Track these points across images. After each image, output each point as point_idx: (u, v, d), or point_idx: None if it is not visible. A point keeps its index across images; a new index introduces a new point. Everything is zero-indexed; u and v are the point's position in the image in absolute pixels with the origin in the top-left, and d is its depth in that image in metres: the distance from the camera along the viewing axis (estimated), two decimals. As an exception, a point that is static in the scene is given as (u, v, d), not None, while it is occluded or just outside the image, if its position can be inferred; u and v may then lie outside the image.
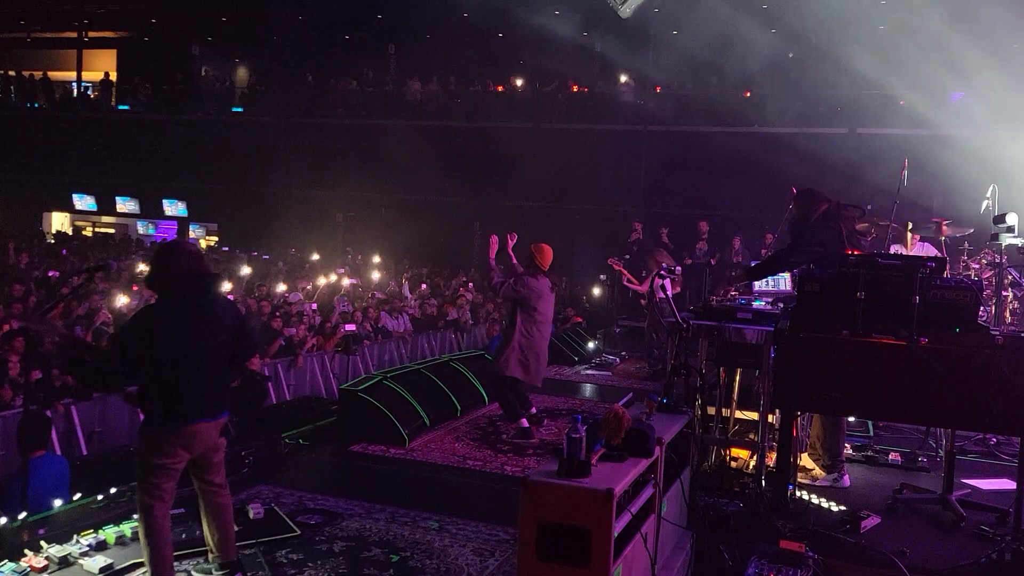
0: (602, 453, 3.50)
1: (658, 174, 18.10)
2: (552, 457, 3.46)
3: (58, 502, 5.20)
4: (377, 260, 17.43)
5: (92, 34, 26.77)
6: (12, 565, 4.38)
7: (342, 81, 22.51)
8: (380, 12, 22.59)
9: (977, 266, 7.89)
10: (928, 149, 12.57)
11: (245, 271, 15.04)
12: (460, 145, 19.84)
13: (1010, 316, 7.60)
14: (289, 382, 9.61)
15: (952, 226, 7.24)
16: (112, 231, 25.43)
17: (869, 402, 4.82)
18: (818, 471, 5.75)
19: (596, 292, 15.88)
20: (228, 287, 12.21)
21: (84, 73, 26.17)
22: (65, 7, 25.27)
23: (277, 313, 10.69)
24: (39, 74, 25.94)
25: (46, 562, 4.47)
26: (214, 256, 18.55)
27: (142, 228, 25.61)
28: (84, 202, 25.26)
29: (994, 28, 14.52)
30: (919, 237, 7.47)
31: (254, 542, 4.92)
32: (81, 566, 4.50)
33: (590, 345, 12.97)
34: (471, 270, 18.98)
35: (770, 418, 5.60)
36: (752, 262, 7.08)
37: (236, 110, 23.98)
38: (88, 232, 25.52)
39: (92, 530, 4.81)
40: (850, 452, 6.33)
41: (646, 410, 4.16)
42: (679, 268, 5.31)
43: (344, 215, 21.62)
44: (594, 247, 15.44)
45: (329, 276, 14.45)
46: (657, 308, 11.51)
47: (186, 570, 4.54)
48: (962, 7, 13.75)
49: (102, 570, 4.45)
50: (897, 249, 7.12)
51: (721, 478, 5.50)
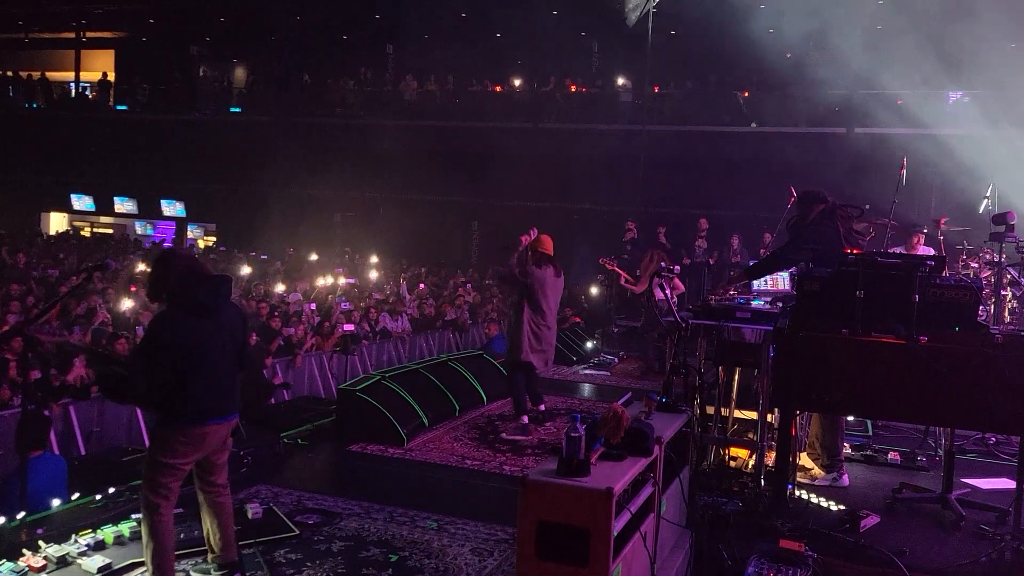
0: (601, 452, 3.50)
1: (657, 174, 18.07)
2: (551, 456, 3.46)
3: (56, 502, 5.19)
4: (375, 260, 17.42)
5: (90, 34, 26.73)
6: (10, 565, 4.37)
7: (340, 81, 22.49)
8: (378, 12, 22.58)
9: (976, 265, 7.89)
10: (926, 149, 12.57)
11: (245, 271, 15.02)
12: (458, 145, 19.83)
13: (1009, 315, 7.60)
14: (287, 382, 9.59)
15: (951, 222, 7.25)
16: (110, 231, 25.41)
17: (869, 401, 4.82)
18: (817, 470, 5.75)
19: (594, 292, 15.87)
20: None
21: (82, 73, 26.12)
22: (63, 7, 25.21)
23: (276, 313, 10.68)
24: (37, 74, 25.91)
25: (44, 562, 4.46)
26: (212, 256, 18.54)
27: (140, 228, 25.59)
28: (82, 202, 25.23)
29: (992, 28, 14.53)
30: (922, 240, 7.47)
31: (253, 542, 4.91)
32: (79, 566, 4.49)
33: (588, 345, 12.97)
34: (469, 270, 18.97)
35: (769, 417, 5.59)
36: (751, 261, 7.08)
37: (234, 110, 23.95)
38: (86, 232, 25.49)
39: (90, 530, 4.80)
40: (849, 451, 6.32)
41: (645, 409, 4.15)
42: (677, 267, 5.30)
43: (342, 215, 21.61)
44: (592, 247, 15.38)
45: (327, 276, 14.44)
46: (655, 307, 11.53)
47: (185, 570, 4.53)
48: (960, 7, 13.75)
49: (100, 570, 4.44)
50: (898, 250, 7.12)
51: (720, 477, 5.49)
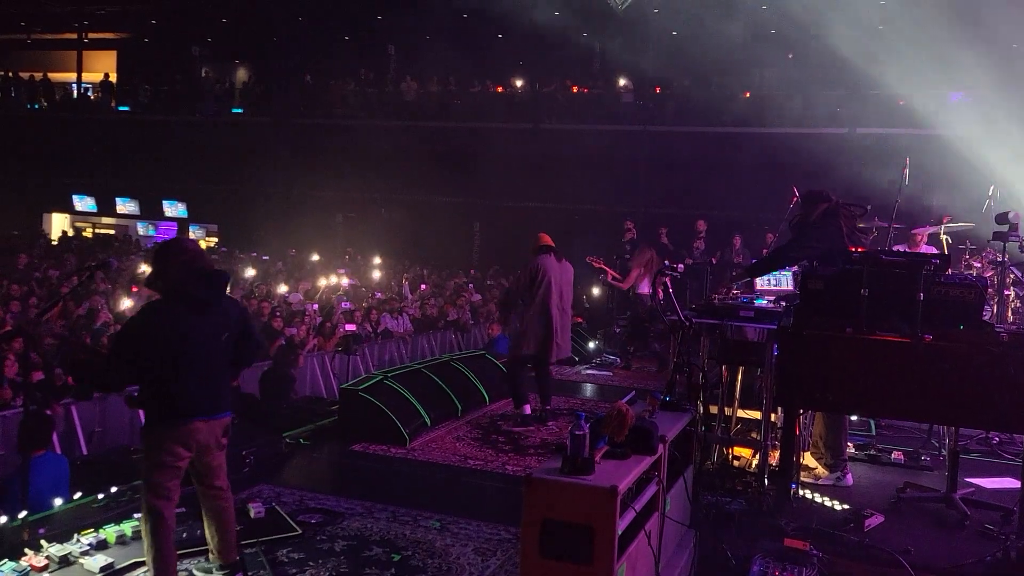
0: (605, 450, 3.48)
1: (658, 174, 18.08)
2: (555, 455, 3.44)
3: (58, 501, 5.18)
4: (378, 261, 17.42)
5: (92, 35, 26.77)
6: (12, 564, 4.36)
7: (342, 82, 22.51)
8: (380, 13, 22.60)
9: (979, 265, 7.88)
10: (928, 149, 12.56)
11: (249, 272, 15.02)
12: (460, 145, 19.82)
13: (1012, 315, 7.58)
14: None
15: (953, 220, 7.24)
16: (112, 232, 25.42)
17: (873, 400, 4.81)
18: (821, 470, 5.74)
19: (596, 292, 15.84)
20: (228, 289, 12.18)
21: (84, 74, 26.17)
22: (65, 8, 25.25)
23: (277, 313, 10.67)
24: (39, 75, 25.93)
25: (46, 561, 4.45)
26: (214, 257, 18.53)
27: (142, 229, 25.59)
28: (84, 203, 25.24)
29: (994, 28, 14.51)
30: (926, 238, 7.46)
31: (255, 541, 4.89)
32: (81, 565, 4.48)
33: (591, 345, 12.95)
34: (471, 270, 18.96)
35: (772, 417, 5.58)
36: (753, 261, 7.06)
37: (236, 111, 23.95)
38: (88, 233, 25.51)
39: (92, 529, 4.79)
40: (852, 451, 6.31)
41: (649, 408, 4.14)
42: (681, 266, 5.29)
43: (344, 215, 21.61)
44: (594, 247, 15.35)
45: (329, 277, 14.43)
46: (640, 304, 11.55)
47: (187, 569, 4.51)
48: (962, 7, 13.74)
49: (102, 569, 4.43)
50: (901, 249, 7.11)
51: (724, 477, 5.48)
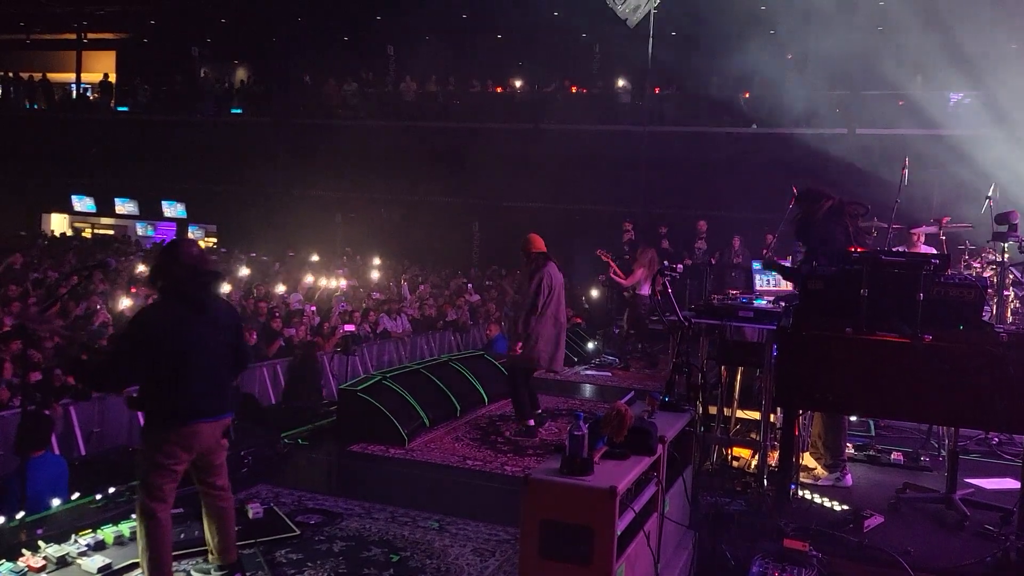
0: (604, 451, 3.47)
1: (657, 174, 18.06)
2: (554, 455, 3.43)
3: (56, 502, 5.16)
4: (377, 261, 17.41)
5: (91, 35, 26.74)
6: (10, 565, 4.35)
7: (341, 82, 22.49)
8: (379, 13, 22.57)
9: (978, 265, 7.85)
10: (927, 149, 12.56)
11: (244, 272, 15.00)
12: (459, 146, 19.80)
13: (1012, 316, 7.56)
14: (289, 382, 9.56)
15: (953, 222, 7.23)
16: (111, 232, 25.40)
17: (872, 400, 4.78)
18: (820, 470, 5.72)
19: (595, 293, 15.84)
20: (227, 288, 12.17)
21: (83, 74, 26.13)
22: (64, 9, 25.22)
23: (276, 314, 10.66)
24: (38, 75, 25.92)
25: (44, 562, 4.44)
26: (212, 257, 18.52)
27: (141, 229, 25.57)
28: (83, 203, 25.23)
29: (993, 28, 14.51)
30: (923, 238, 7.45)
31: (253, 542, 4.89)
32: (79, 566, 4.47)
33: (589, 346, 12.95)
34: (471, 271, 18.96)
35: (771, 417, 5.57)
36: (752, 262, 7.04)
37: (235, 111, 23.94)
38: (87, 234, 25.49)
39: (90, 530, 4.78)
40: (852, 452, 6.30)
41: (648, 408, 4.13)
42: (680, 266, 5.28)
43: (343, 216, 21.59)
44: (593, 248, 15.35)
45: (329, 278, 14.42)
46: (640, 306, 11.54)
47: (185, 570, 4.51)
48: (961, 7, 13.73)
49: (100, 570, 4.42)
50: (900, 249, 7.09)
51: (723, 477, 5.48)
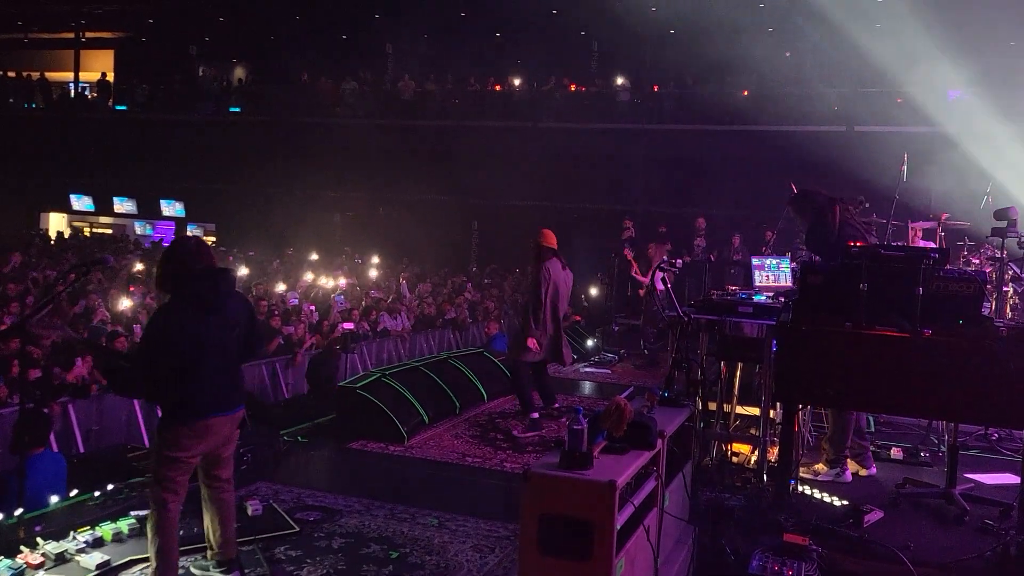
0: (604, 445, 3.47)
1: (656, 173, 18.07)
2: (553, 450, 3.43)
3: (55, 499, 5.15)
4: (376, 260, 17.40)
5: (89, 34, 26.71)
6: (8, 562, 4.34)
7: (339, 80, 22.48)
8: (377, 12, 22.56)
9: (977, 261, 7.87)
10: (926, 146, 12.54)
11: (243, 271, 14.98)
12: (457, 144, 19.80)
13: (1011, 311, 7.57)
14: (288, 380, 9.58)
15: (951, 218, 7.23)
16: (110, 231, 25.38)
17: (872, 395, 4.78)
18: (820, 466, 5.72)
19: (594, 291, 15.84)
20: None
21: (81, 74, 26.09)
22: (62, 8, 25.19)
23: (275, 312, 10.65)
24: (36, 75, 25.87)
25: (42, 559, 4.44)
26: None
27: (140, 228, 25.54)
28: (82, 202, 25.18)
29: (991, 25, 14.52)
30: (920, 233, 7.45)
31: (252, 539, 4.88)
32: (77, 563, 4.46)
33: (589, 343, 12.94)
34: (471, 268, 18.96)
35: (771, 413, 5.57)
36: (752, 258, 7.03)
37: (234, 110, 23.91)
38: (86, 233, 25.47)
39: (89, 527, 4.78)
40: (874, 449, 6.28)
41: (647, 403, 4.13)
42: (679, 261, 5.27)
43: (342, 215, 21.58)
44: (592, 246, 15.38)
45: (328, 277, 14.41)
46: (658, 302, 11.52)
47: (184, 567, 4.50)
48: (959, 5, 13.74)
49: (98, 566, 4.41)
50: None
51: (722, 473, 5.47)
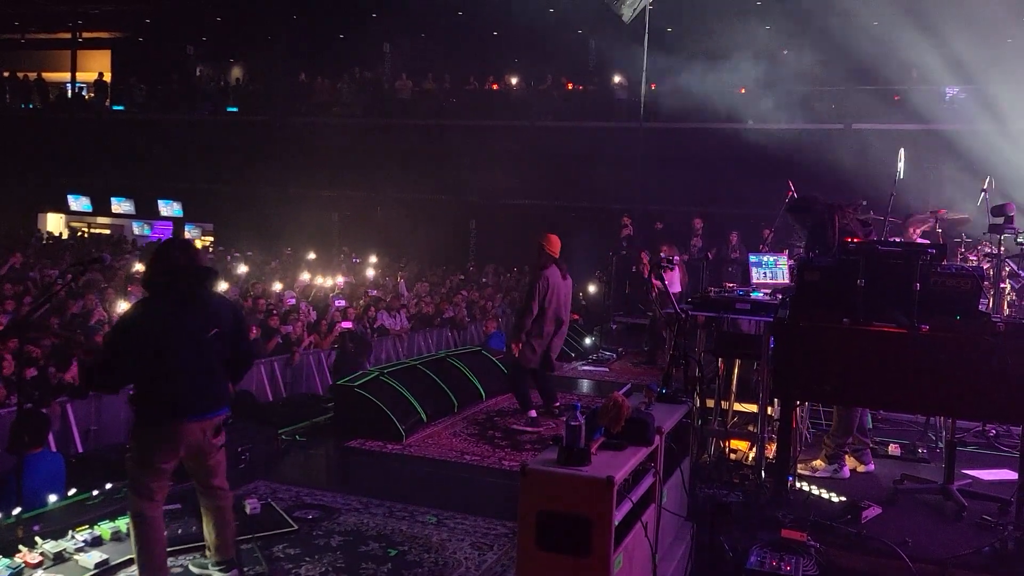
0: (602, 442, 3.46)
1: (654, 171, 18.06)
2: (551, 447, 3.42)
3: (53, 498, 5.16)
4: (374, 260, 17.40)
5: (86, 34, 26.71)
6: (6, 561, 4.34)
7: (337, 80, 22.47)
8: (375, 11, 22.55)
9: (975, 258, 7.87)
10: (923, 144, 12.58)
11: (242, 270, 14.99)
12: (455, 143, 19.81)
13: (1008, 308, 7.58)
14: (286, 379, 9.57)
15: (949, 213, 7.24)
16: (108, 232, 25.36)
17: (869, 391, 4.79)
18: (818, 462, 5.73)
19: (592, 289, 15.85)
20: (225, 286, 12.17)
21: (79, 74, 26.11)
22: (59, 8, 25.20)
23: (274, 311, 10.65)
24: (33, 75, 25.89)
25: (41, 558, 4.43)
26: (209, 255, 18.49)
27: (138, 229, 25.53)
28: (79, 203, 25.18)
29: (988, 23, 14.52)
30: (918, 231, 7.46)
31: (251, 537, 4.88)
32: (76, 562, 4.45)
33: (587, 341, 12.94)
34: (469, 267, 18.96)
35: (769, 409, 5.58)
36: (750, 256, 7.04)
37: (231, 110, 23.91)
38: (84, 233, 25.45)
39: (87, 526, 4.76)
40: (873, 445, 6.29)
41: (645, 400, 4.13)
42: (677, 258, 5.28)
43: (340, 214, 21.58)
44: (590, 245, 15.39)
45: (326, 277, 14.41)
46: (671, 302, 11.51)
47: (183, 565, 4.50)
48: (956, 2, 13.74)
49: (97, 565, 4.41)
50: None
51: (720, 470, 5.48)
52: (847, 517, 4.83)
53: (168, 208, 24.38)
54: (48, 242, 21.12)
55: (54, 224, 25.98)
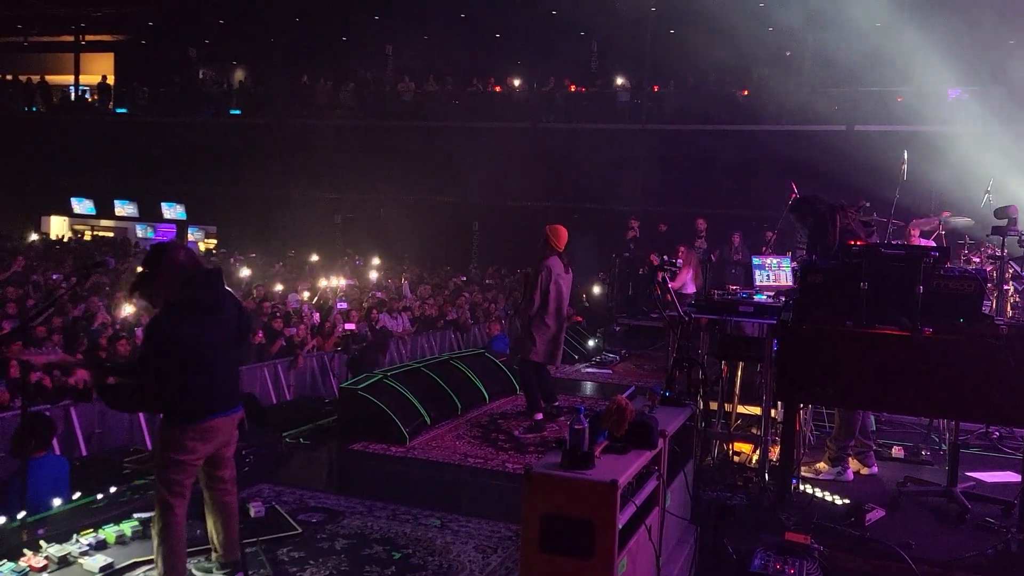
0: (605, 445, 3.47)
1: (656, 173, 18.09)
2: (555, 450, 3.43)
3: (58, 502, 5.16)
4: (377, 262, 17.41)
5: (89, 38, 26.72)
6: (11, 565, 4.35)
7: (340, 82, 22.50)
8: (377, 13, 22.58)
9: (978, 260, 7.86)
10: (926, 145, 12.54)
11: (245, 272, 15.01)
12: (458, 145, 19.82)
13: (1011, 310, 7.57)
14: (289, 382, 9.58)
15: (953, 216, 7.24)
16: (111, 235, 25.40)
17: (873, 394, 4.79)
18: (821, 464, 5.73)
19: (596, 291, 15.84)
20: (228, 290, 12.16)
21: (81, 77, 26.11)
22: (62, 11, 25.20)
23: (277, 314, 10.67)
24: (37, 78, 25.92)
25: (46, 562, 4.44)
26: (212, 258, 18.53)
27: (141, 231, 25.55)
28: (83, 206, 25.22)
29: (991, 24, 14.52)
30: (919, 232, 7.46)
31: (255, 540, 4.88)
32: (81, 565, 4.46)
33: (590, 343, 12.94)
34: (471, 269, 18.97)
35: (772, 412, 5.57)
36: (752, 258, 7.04)
37: (234, 112, 23.93)
38: (87, 236, 25.49)
39: (92, 529, 4.77)
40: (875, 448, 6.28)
41: (649, 403, 4.14)
42: (679, 260, 5.28)
43: (343, 216, 21.59)
44: (593, 246, 15.38)
45: (329, 279, 14.42)
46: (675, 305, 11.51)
47: (187, 569, 4.50)
48: (959, 3, 13.74)
49: (102, 569, 4.41)
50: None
51: (724, 472, 5.48)
52: (851, 520, 4.83)
53: (171, 211, 24.40)
54: (47, 244, 21.14)
55: (57, 227, 26.01)
